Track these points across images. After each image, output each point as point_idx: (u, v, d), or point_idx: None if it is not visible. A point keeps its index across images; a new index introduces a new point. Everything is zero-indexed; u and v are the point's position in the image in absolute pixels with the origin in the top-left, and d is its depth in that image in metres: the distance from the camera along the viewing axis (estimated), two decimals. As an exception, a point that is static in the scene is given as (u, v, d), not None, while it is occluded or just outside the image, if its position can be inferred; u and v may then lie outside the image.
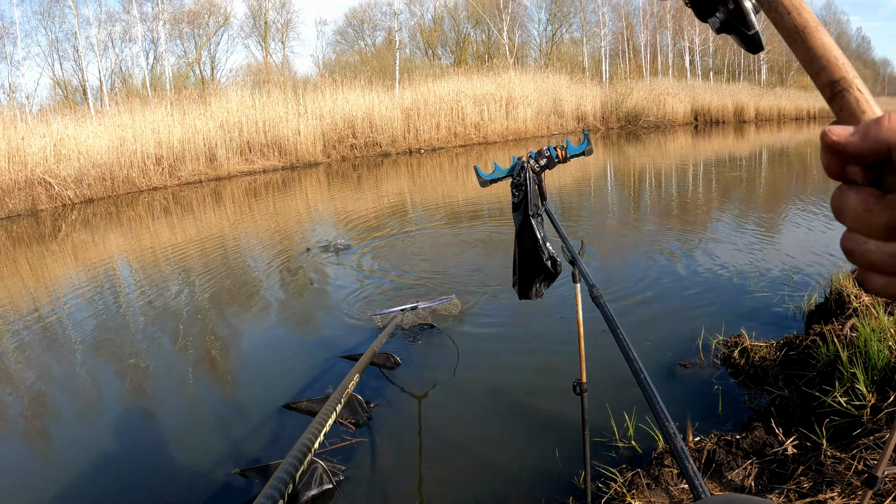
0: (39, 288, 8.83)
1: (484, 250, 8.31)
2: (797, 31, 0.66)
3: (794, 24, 0.66)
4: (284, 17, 50.72)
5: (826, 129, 0.54)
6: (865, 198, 0.52)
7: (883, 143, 0.50)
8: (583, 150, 3.30)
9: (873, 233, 0.52)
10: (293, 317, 6.32)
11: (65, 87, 38.50)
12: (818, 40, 0.64)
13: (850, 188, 0.54)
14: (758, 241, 7.98)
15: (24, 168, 17.68)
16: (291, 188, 17.25)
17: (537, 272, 3.13)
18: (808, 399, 3.48)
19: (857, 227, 0.53)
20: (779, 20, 0.69)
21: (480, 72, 30.25)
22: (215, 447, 3.86)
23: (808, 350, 4.00)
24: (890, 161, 0.51)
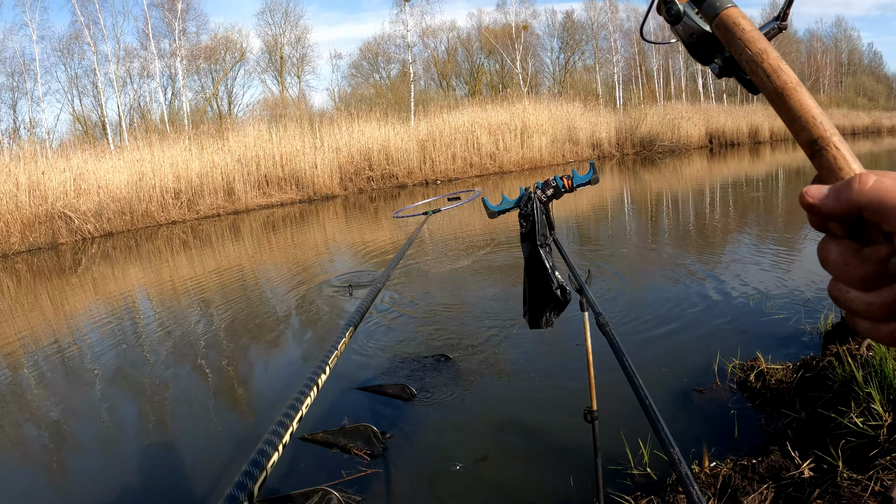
0: (60, 320, 8.92)
1: (497, 279, 8.32)
2: (777, 94, 0.69)
3: (774, 86, 0.70)
4: (300, 52, 51.25)
5: (803, 190, 0.57)
6: (844, 251, 0.55)
7: (854, 204, 0.53)
8: (588, 179, 3.33)
9: (852, 284, 0.55)
10: (309, 348, 6.33)
11: (84, 123, 39.08)
12: (796, 101, 0.67)
13: (832, 240, 0.57)
14: (772, 262, 7.94)
15: (44, 202, 17.92)
16: (309, 221, 17.35)
17: (547, 301, 3.15)
18: (824, 421, 3.45)
19: (839, 277, 0.56)
20: (760, 83, 0.73)
21: (495, 102, 30.38)
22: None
23: (824, 371, 3.97)
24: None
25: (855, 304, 0.55)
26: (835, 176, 0.60)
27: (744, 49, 0.76)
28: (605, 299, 6.83)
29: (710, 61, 0.91)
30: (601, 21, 52.34)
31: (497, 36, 48.16)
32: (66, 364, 6.70)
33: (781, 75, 0.70)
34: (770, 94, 0.71)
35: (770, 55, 0.73)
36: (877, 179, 0.53)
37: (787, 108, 0.68)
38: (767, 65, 0.72)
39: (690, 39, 0.91)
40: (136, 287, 10.74)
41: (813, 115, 0.65)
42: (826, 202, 0.56)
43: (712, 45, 0.88)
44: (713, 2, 0.82)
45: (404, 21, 37.61)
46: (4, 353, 7.46)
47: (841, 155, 0.62)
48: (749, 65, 0.75)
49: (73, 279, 11.95)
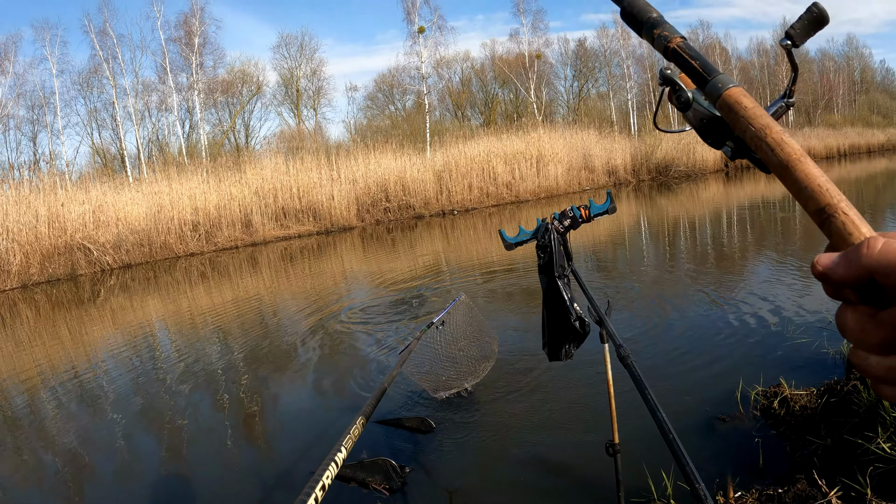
0: (78, 350, 8.98)
1: (515, 307, 8.30)
2: (782, 166, 0.70)
3: (779, 159, 0.71)
4: (315, 85, 51.80)
5: (815, 259, 0.58)
6: (860, 317, 0.55)
7: (864, 269, 0.53)
8: (606, 208, 3.32)
9: (871, 349, 0.54)
10: (329, 380, 6.31)
11: (103, 155, 39.73)
12: (801, 171, 0.68)
13: (848, 307, 0.56)
14: (792, 285, 7.87)
15: (63, 234, 18.16)
16: (327, 252, 17.40)
17: (566, 334, 3.13)
18: (850, 447, 3.40)
19: (858, 343, 0.56)
20: (765, 157, 0.74)
21: (510, 131, 30.46)
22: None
23: (848, 396, 3.92)
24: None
25: (876, 370, 0.55)
26: (845, 242, 0.61)
27: (747, 126, 0.78)
28: (625, 326, 6.80)
29: (722, 145, 0.93)
30: (613, 48, 52.55)
31: (511, 65, 48.39)
32: (84, 393, 6.74)
33: (785, 148, 0.71)
34: (776, 167, 0.72)
35: (773, 129, 0.74)
36: (885, 242, 0.53)
37: (793, 179, 0.69)
38: (771, 139, 0.73)
39: (701, 124, 0.94)
40: (154, 318, 10.80)
41: (819, 184, 0.66)
42: (837, 270, 0.56)
43: (722, 128, 0.91)
44: (715, 83, 0.85)
45: (418, 52, 37.82)
46: (23, 381, 7.54)
47: (850, 220, 0.62)
48: (753, 141, 0.76)
49: (91, 310, 12.04)
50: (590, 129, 33.30)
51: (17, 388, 7.39)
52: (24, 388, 7.32)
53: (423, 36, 37.73)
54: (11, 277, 17.04)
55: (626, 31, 50.94)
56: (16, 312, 13.22)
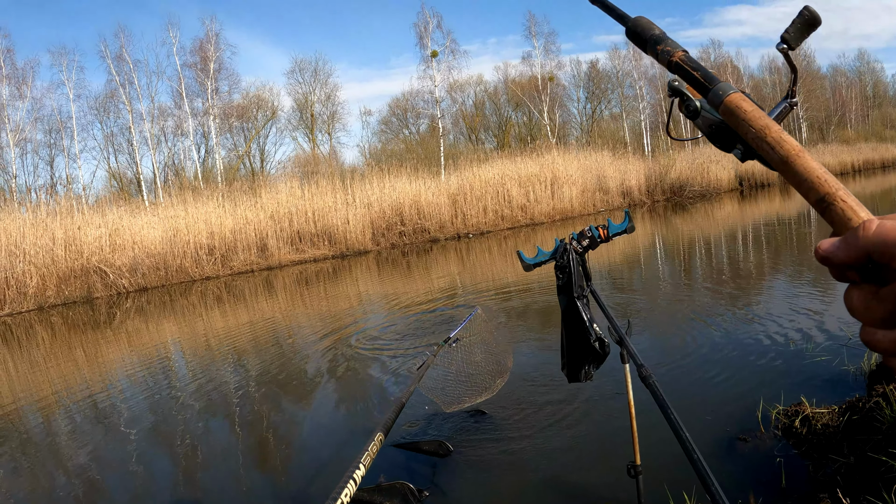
0: (93, 371, 9.05)
1: (534, 330, 8.29)
2: (782, 161, 0.75)
3: (779, 156, 0.76)
4: (330, 109, 52.20)
5: (817, 245, 0.61)
6: (864, 295, 0.59)
7: (861, 250, 0.57)
8: (624, 227, 3.33)
9: (877, 324, 0.58)
10: (344, 400, 6.31)
11: (120, 180, 40.20)
12: (801, 165, 0.73)
13: (853, 288, 0.60)
14: (810, 302, 7.82)
15: (80, 257, 18.39)
16: (342, 276, 17.42)
17: (585, 355, 3.13)
18: (874, 464, 3.37)
19: (864, 320, 0.59)
20: (767, 155, 0.79)
21: (524, 153, 30.52)
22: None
23: (871, 413, 3.88)
24: None
25: (883, 344, 0.58)
26: (845, 227, 0.64)
27: (748, 128, 0.82)
28: (644, 345, 6.78)
29: (732, 148, 0.96)
30: (626, 69, 52.72)
31: (524, 88, 48.58)
32: (99, 414, 6.77)
33: (784, 145, 0.76)
34: (777, 164, 0.77)
35: (772, 129, 0.79)
36: (879, 224, 0.57)
37: (794, 172, 0.73)
38: (771, 138, 0.78)
39: (710, 130, 0.97)
40: (169, 341, 10.86)
41: (817, 175, 0.70)
42: (837, 253, 0.60)
43: (730, 133, 0.93)
44: (716, 91, 0.90)
45: (432, 76, 38.04)
46: (38, 402, 7.60)
47: (848, 206, 0.66)
48: (755, 141, 0.81)
49: (107, 332, 12.12)
50: (603, 150, 33.31)
51: (33, 408, 7.45)
52: (39, 408, 7.38)
53: (436, 60, 37.97)
54: (28, 299, 17.20)
55: (637, 52, 51.04)
56: (32, 334, 13.33)
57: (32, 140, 35.47)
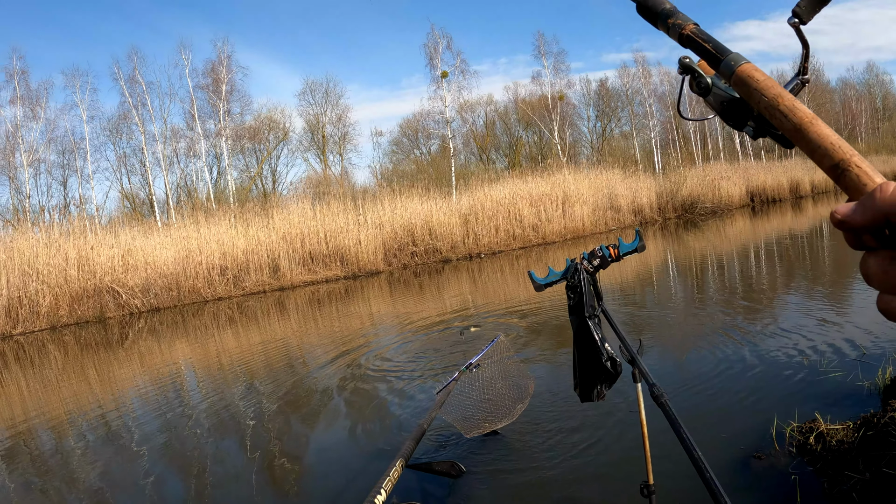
0: (105, 391, 9.09)
1: (546, 349, 8.27)
2: (796, 129, 0.75)
3: (792, 124, 0.76)
4: (341, 130, 52.52)
5: (832, 210, 0.62)
6: (881, 261, 0.59)
7: (879, 212, 0.57)
8: (635, 246, 3.34)
9: (895, 290, 0.58)
10: (359, 423, 6.28)
11: (132, 200, 40.62)
12: (814, 133, 0.73)
13: (870, 254, 0.61)
14: (824, 318, 7.78)
15: (93, 277, 18.56)
16: (354, 297, 17.43)
17: (598, 374, 3.13)
18: (890, 480, 3.37)
19: (883, 288, 0.59)
20: (780, 124, 0.79)
21: (535, 173, 30.55)
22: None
23: (886, 428, 3.86)
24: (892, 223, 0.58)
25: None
26: (860, 192, 0.65)
27: (760, 97, 0.82)
28: (656, 363, 6.77)
29: (744, 125, 0.96)
30: (635, 87, 52.84)
31: (534, 107, 48.67)
32: (110, 434, 6.82)
33: (797, 113, 0.76)
34: (790, 132, 0.77)
35: (784, 98, 0.79)
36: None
37: (807, 140, 0.74)
38: (784, 106, 0.78)
39: (722, 107, 0.96)
40: (181, 361, 10.90)
41: (831, 142, 0.71)
42: (854, 217, 0.60)
43: (743, 109, 0.93)
44: (728, 62, 0.90)
45: (442, 97, 38.14)
46: (50, 421, 7.65)
47: (863, 171, 0.66)
48: (767, 110, 0.81)
49: (119, 352, 12.18)
50: (614, 168, 33.28)
51: (45, 426, 7.50)
52: (51, 426, 7.43)
53: (446, 81, 38.10)
54: (41, 319, 17.35)
55: (647, 69, 51.23)
56: (44, 353, 13.42)
57: (46, 161, 36.03)
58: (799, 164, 42.10)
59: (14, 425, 7.83)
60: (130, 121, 37.09)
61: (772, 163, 45.57)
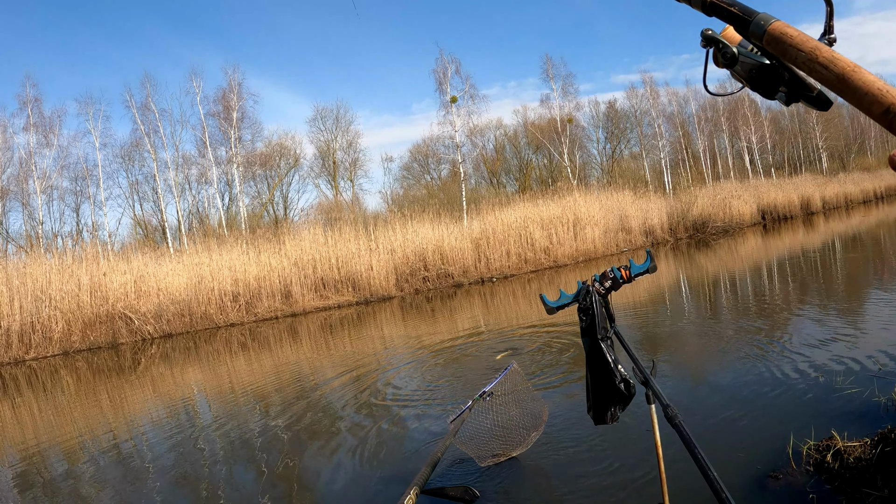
0: (118, 417, 9.12)
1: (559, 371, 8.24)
2: (839, 79, 0.76)
3: (835, 74, 0.76)
4: (352, 156, 52.82)
5: (891, 153, 0.63)
6: None
7: None
8: (646, 268, 3.35)
9: None
10: (372, 450, 6.23)
11: (145, 227, 40.97)
12: (859, 80, 0.74)
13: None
14: (838, 334, 7.75)
15: (105, 303, 18.69)
16: (366, 322, 17.41)
17: (611, 396, 3.13)
18: (909, 499, 3.35)
19: None
20: (821, 77, 0.80)
21: (545, 196, 30.55)
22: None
23: (904, 444, 3.86)
24: None
25: None
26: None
27: (797, 52, 0.82)
28: (670, 382, 6.75)
29: (775, 92, 0.96)
30: (644, 108, 52.96)
31: (543, 130, 48.76)
32: (122, 460, 6.83)
33: (838, 63, 0.77)
34: (833, 84, 0.77)
35: (822, 50, 0.80)
36: None
37: (853, 88, 0.74)
38: (823, 58, 0.78)
39: (751, 75, 0.96)
40: (194, 387, 10.92)
41: (878, 88, 0.71)
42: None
43: (773, 75, 0.93)
44: (758, 22, 0.89)
45: (452, 121, 38.27)
46: (62, 445, 7.69)
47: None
48: (806, 64, 0.81)
49: (132, 378, 12.23)
50: (624, 190, 33.26)
51: (56, 451, 7.54)
52: (62, 451, 7.46)
53: (455, 105, 38.24)
54: (53, 344, 17.47)
55: (654, 89, 51.35)
56: (57, 378, 13.49)
57: (59, 187, 36.34)
58: (809, 181, 42.09)
59: (26, 449, 7.88)
60: (143, 148, 37.47)
61: (782, 180, 45.56)
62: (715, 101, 56.01)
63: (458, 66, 38.86)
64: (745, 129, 55.46)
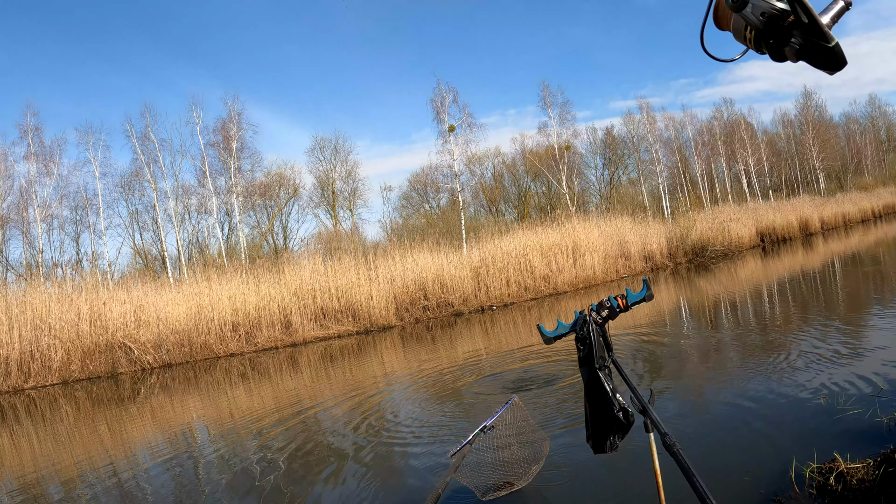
0: (117, 448, 9.08)
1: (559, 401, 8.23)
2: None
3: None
4: (351, 186, 53.19)
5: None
6: None
7: None
8: (643, 296, 3.37)
9: None
10: (372, 483, 6.18)
11: (144, 256, 41.26)
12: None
13: None
14: (839, 355, 7.74)
15: (105, 332, 18.70)
16: (367, 352, 17.33)
17: (610, 425, 3.14)
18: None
19: None
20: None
21: (544, 223, 30.56)
22: None
23: (906, 465, 3.85)
24: None
25: None
26: None
27: None
28: (670, 407, 6.74)
29: (786, 43, 0.90)
30: (641, 133, 53.27)
31: (541, 158, 48.99)
32: (122, 490, 6.80)
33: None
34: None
35: None
36: None
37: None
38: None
39: (761, 20, 0.89)
40: (194, 417, 10.89)
41: None
42: None
43: (783, 24, 0.88)
44: None
45: (450, 150, 38.44)
46: (60, 476, 7.67)
47: None
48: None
49: (131, 408, 12.20)
50: (623, 215, 33.29)
51: (55, 482, 7.54)
52: (61, 482, 7.46)
53: (453, 134, 38.42)
54: (52, 373, 17.48)
55: (651, 115, 51.63)
56: (56, 408, 13.46)
57: (59, 216, 36.68)
58: (807, 202, 42.20)
59: (24, 478, 7.88)
60: (142, 178, 37.83)
61: (780, 202, 45.67)
62: (711, 125, 56.38)
63: (455, 95, 39.16)
64: (742, 152, 55.76)
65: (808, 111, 64.41)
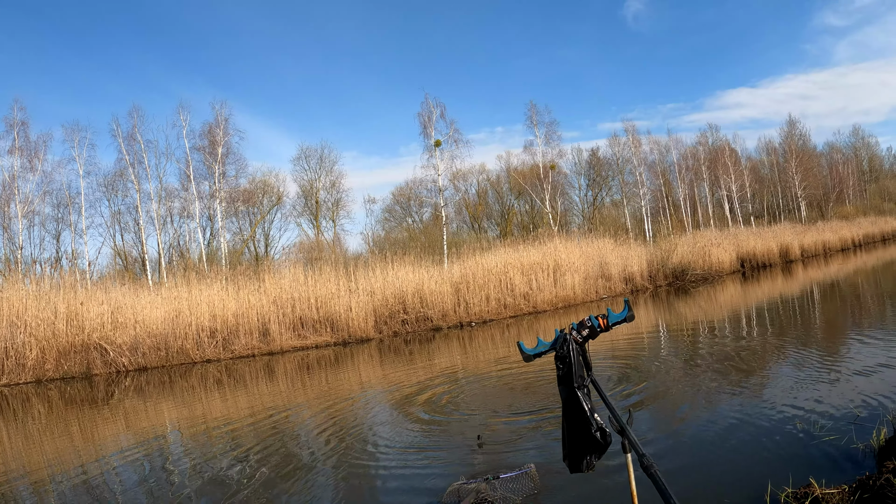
0: (88, 450, 9.01)
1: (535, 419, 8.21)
2: None
3: None
4: (334, 197, 53.21)
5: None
6: None
7: None
8: (624, 316, 3.35)
9: None
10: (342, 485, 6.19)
11: (125, 258, 41.08)
12: None
13: None
14: (816, 381, 7.80)
15: (81, 332, 18.59)
16: (344, 363, 17.24)
17: (587, 445, 3.12)
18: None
19: None
20: None
21: (526, 242, 30.63)
22: None
23: (882, 490, 3.82)
24: None
25: None
26: None
27: None
28: (647, 431, 6.73)
29: None
30: (625, 156, 53.65)
31: (525, 177, 49.11)
32: (92, 493, 6.72)
33: None
34: None
35: None
36: None
37: None
38: None
39: None
40: (167, 422, 10.80)
41: None
42: None
43: None
44: None
45: (435, 165, 38.48)
46: (30, 476, 7.59)
47: None
48: None
49: (104, 410, 12.11)
50: (605, 237, 33.39)
51: (25, 482, 7.44)
52: (31, 482, 7.38)
53: (439, 149, 38.46)
54: (26, 371, 17.34)
55: (636, 138, 51.96)
56: (28, 406, 13.34)
57: (40, 213, 36.38)
58: (787, 229, 42.52)
59: (-7, 478, 7.76)
60: (126, 178, 37.43)
61: (761, 228, 45.96)
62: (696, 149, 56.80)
63: (443, 110, 39.22)
64: (726, 177, 56.14)
65: (792, 139, 65.00)
